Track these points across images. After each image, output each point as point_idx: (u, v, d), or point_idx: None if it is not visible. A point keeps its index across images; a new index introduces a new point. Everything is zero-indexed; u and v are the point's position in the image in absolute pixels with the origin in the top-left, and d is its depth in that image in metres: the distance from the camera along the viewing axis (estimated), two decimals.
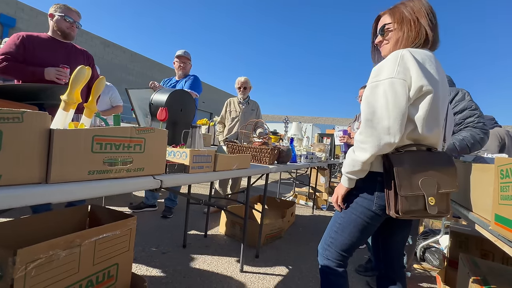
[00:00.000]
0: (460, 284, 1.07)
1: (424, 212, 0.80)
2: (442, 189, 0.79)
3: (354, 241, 0.94)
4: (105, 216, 0.98)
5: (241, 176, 1.45)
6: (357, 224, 0.92)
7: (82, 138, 0.62)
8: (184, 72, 2.55)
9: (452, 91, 1.41)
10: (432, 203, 0.79)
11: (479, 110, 1.36)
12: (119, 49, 11.36)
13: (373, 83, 0.83)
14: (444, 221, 2.05)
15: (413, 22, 0.87)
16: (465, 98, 1.38)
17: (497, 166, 0.61)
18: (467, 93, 1.40)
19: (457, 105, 1.38)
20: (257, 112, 2.98)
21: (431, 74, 0.80)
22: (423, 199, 0.80)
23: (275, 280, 1.59)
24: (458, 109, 1.37)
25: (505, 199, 0.57)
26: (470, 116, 1.34)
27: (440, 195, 0.80)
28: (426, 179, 0.80)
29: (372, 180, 0.89)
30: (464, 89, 1.41)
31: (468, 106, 1.36)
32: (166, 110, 1.14)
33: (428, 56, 0.84)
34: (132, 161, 0.74)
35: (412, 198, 0.80)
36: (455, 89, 1.42)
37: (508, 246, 0.57)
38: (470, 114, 1.34)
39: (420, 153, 0.84)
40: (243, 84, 2.89)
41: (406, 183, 0.79)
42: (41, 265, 0.64)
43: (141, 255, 1.69)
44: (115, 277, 0.85)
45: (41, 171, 0.56)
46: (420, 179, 0.80)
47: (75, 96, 0.74)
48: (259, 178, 2.03)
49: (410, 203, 0.80)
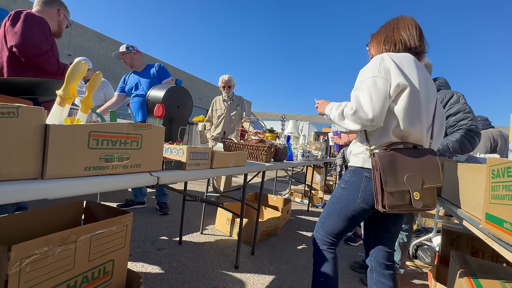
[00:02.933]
0: (450, 280, 1.09)
1: (409, 206, 0.86)
2: (426, 184, 0.85)
3: (339, 228, 1.04)
4: (100, 212, 0.98)
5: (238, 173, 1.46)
6: (341, 214, 1.02)
7: (79, 134, 0.62)
8: (132, 64, 2.40)
9: (447, 93, 1.44)
10: (417, 198, 0.85)
11: (472, 113, 1.40)
12: (114, 43, 11.20)
13: (359, 83, 0.92)
14: (437, 220, 2.09)
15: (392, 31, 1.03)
16: (460, 101, 1.41)
17: (489, 166, 0.62)
18: (461, 96, 1.43)
19: (452, 108, 1.41)
20: (242, 106, 3.01)
21: (409, 72, 0.89)
22: (408, 194, 0.85)
23: (270, 276, 1.61)
24: (452, 111, 1.40)
25: (496, 198, 0.59)
26: (463, 119, 1.37)
27: (425, 190, 0.86)
28: (411, 175, 0.86)
29: (359, 175, 0.98)
30: (459, 92, 1.45)
31: (462, 108, 1.39)
32: (163, 106, 1.14)
33: (407, 58, 0.94)
34: (129, 158, 0.74)
35: (397, 193, 0.85)
36: (450, 92, 1.45)
37: (498, 244, 0.58)
38: (464, 116, 1.38)
39: (406, 150, 0.90)
40: (227, 83, 2.91)
41: (391, 179, 0.85)
42: (36, 261, 0.63)
43: (137, 252, 1.69)
44: (111, 273, 0.85)
45: (36, 167, 0.55)
46: (406, 175, 0.86)
47: (71, 91, 0.73)
48: (255, 176, 2.04)
49: (396, 198, 0.85)
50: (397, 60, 0.91)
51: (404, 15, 1.06)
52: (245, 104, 3.07)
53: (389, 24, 1.07)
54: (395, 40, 1.01)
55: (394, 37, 1.02)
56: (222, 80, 2.92)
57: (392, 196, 0.86)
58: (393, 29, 1.04)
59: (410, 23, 1.03)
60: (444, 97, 1.43)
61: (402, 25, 1.03)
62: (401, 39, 1.00)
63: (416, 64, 0.94)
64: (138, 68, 2.44)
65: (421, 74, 0.93)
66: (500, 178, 0.58)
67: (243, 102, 3.05)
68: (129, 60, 2.39)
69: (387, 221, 1.06)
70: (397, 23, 1.04)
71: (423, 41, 1.01)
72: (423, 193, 0.85)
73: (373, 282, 1.07)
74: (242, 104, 3.02)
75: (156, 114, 1.13)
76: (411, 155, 0.89)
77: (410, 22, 1.03)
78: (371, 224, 1.10)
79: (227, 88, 2.91)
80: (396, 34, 1.02)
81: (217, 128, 2.96)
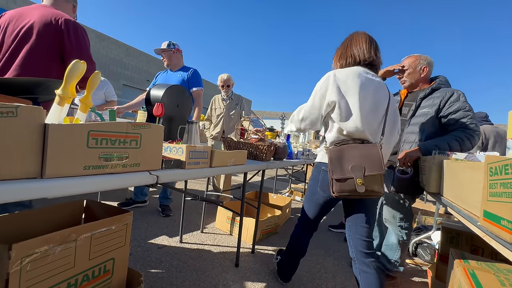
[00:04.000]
0: (449, 278, 1.10)
1: (355, 192, 1.02)
2: (368, 172, 1.01)
3: (311, 214, 1.28)
4: (100, 211, 0.99)
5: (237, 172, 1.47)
6: (310, 201, 1.27)
7: (78, 133, 0.62)
8: (171, 63, 2.38)
9: (447, 92, 1.43)
10: (360, 184, 1.01)
11: (472, 111, 1.40)
12: (114, 43, 11.18)
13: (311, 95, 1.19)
14: (437, 218, 2.09)
15: (346, 48, 1.21)
16: (460, 99, 1.40)
17: (487, 164, 0.62)
18: (462, 94, 1.43)
19: (452, 106, 1.40)
20: (241, 105, 3.01)
21: (352, 86, 1.08)
22: (353, 180, 1.02)
23: (270, 275, 1.61)
24: (453, 109, 1.40)
25: (493, 196, 0.59)
26: (464, 117, 1.37)
27: (368, 177, 1.01)
28: (355, 165, 1.03)
29: (318, 169, 1.22)
30: (459, 90, 1.45)
31: (462, 107, 1.38)
32: (162, 105, 1.14)
33: (353, 72, 1.11)
34: (128, 157, 0.74)
35: (343, 180, 1.04)
36: (451, 90, 1.44)
37: (496, 242, 0.59)
38: (464, 115, 1.37)
39: (353, 145, 1.08)
40: (226, 82, 2.91)
41: (338, 168, 1.05)
42: (36, 259, 0.64)
43: (137, 250, 1.69)
44: (111, 272, 0.86)
45: (36, 166, 0.56)
46: (350, 165, 1.03)
47: (70, 91, 0.73)
48: (255, 175, 2.04)
49: (343, 184, 1.04)
50: (342, 77, 1.11)
51: (358, 31, 1.23)
52: (244, 103, 3.07)
53: (345, 41, 1.25)
54: (347, 55, 1.20)
55: (346, 53, 1.20)
56: (221, 79, 2.92)
57: (339, 183, 1.05)
58: (346, 46, 1.22)
59: (361, 38, 1.19)
60: (444, 96, 1.42)
61: (354, 41, 1.20)
62: (352, 54, 1.18)
63: (362, 76, 1.10)
64: (174, 67, 2.40)
65: (368, 84, 1.10)
66: (498, 176, 0.58)
67: (242, 101, 3.04)
68: (167, 57, 2.35)
69: (360, 211, 1.18)
70: (350, 39, 1.22)
71: (375, 52, 1.18)
72: (366, 180, 1.01)
73: (357, 273, 1.16)
74: (241, 103, 3.02)
75: (155, 113, 1.13)
76: (357, 149, 1.06)
77: (361, 38, 1.19)
78: (348, 216, 1.23)
79: (226, 87, 2.91)
80: (348, 50, 1.20)
81: (216, 127, 2.96)
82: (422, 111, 1.48)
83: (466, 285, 0.83)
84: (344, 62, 1.21)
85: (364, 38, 1.19)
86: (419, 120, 1.48)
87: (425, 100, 1.50)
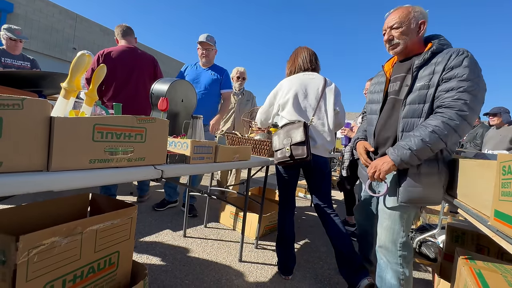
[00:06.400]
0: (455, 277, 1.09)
1: (287, 158, 1.39)
2: (293, 142, 1.37)
3: (280, 189, 1.62)
4: (106, 205, 0.99)
5: (242, 167, 1.48)
6: (277, 179, 1.64)
7: (83, 127, 0.62)
8: (208, 59, 2.34)
9: (452, 53, 0.98)
10: (288, 151, 1.38)
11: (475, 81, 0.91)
12: None
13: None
14: (441, 216, 2.07)
15: (293, 60, 1.66)
16: (463, 63, 0.94)
17: (500, 163, 0.61)
18: (469, 55, 0.95)
19: (448, 72, 0.96)
20: (252, 102, 2.98)
21: (296, 87, 1.53)
22: (284, 149, 1.40)
23: (273, 269, 1.62)
24: (446, 76, 0.96)
25: (506, 195, 0.57)
26: (453, 89, 0.92)
27: (294, 146, 1.37)
28: (286, 138, 1.42)
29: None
30: (467, 51, 0.96)
31: (460, 73, 0.92)
32: (167, 100, 1.13)
33: (296, 77, 1.58)
34: (133, 151, 0.74)
35: (279, 151, 1.45)
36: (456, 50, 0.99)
37: (506, 242, 0.57)
38: (456, 85, 0.92)
39: (289, 124, 1.46)
40: (242, 74, 2.87)
41: (276, 142, 1.48)
42: (43, 251, 0.65)
43: (142, 244, 1.71)
44: (116, 264, 0.86)
45: (42, 159, 0.56)
46: (283, 139, 1.43)
47: (75, 84, 0.73)
48: (259, 170, 2.04)
49: (280, 154, 1.44)
50: (288, 83, 1.57)
51: (301, 46, 1.67)
52: (255, 101, 3.03)
53: (293, 53, 1.68)
54: (295, 65, 1.63)
55: (294, 63, 1.64)
56: (237, 71, 2.86)
57: (276, 153, 1.47)
58: (294, 57, 1.65)
59: (303, 51, 1.63)
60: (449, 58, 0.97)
61: (299, 53, 1.64)
62: (298, 64, 1.62)
63: (301, 78, 1.56)
64: (206, 64, 2.36)
65: (303, 80, 1.55)
66: (511, 175, 0.56)
67: (253, 99, 2.99)
68: (207, 53, 2.31)
69: (312, 181, 1.59)
70: (296, 53, 1.66)
71: (315, 60, 1.63)
72: (293, 148, 1.37)
73: (323, 224, 1.55)
74: (252, 100, 2.97)
75: (160, 107, 1.13)
76: (290, 127, 1.43)
77: (303, 51, 1.63)
78: (309, 189, 1.63)
79: (241, 79, 2.86)
80: (295, 60, 1.63)
81: (227, 123, 2.91)
82: (420, 84, 1.02)
83: (473, 285, 0.82)
84: (293, 70, 1.63)
85: (306, 51, 1.62)
86: (417, 98, 1.02)
87: (423, 69, 1.04)
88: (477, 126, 4.04)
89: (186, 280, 1.39)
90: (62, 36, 9.27)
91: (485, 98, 0.96)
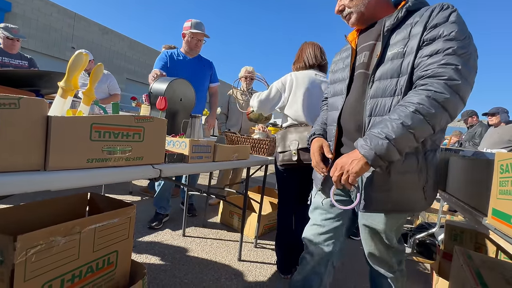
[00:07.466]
0: (454, 275, 1.09)
1: (291, 160, 1.37)
2: (300, 146, 1.34)
3: (280, 189, 1.58)
4: (104, 204, 0.99)
5: (241, 167, 1.48)
6: (276, 178, 1.58)
7: (81, 126, 0.62)
8: (197, 50, 2.19)
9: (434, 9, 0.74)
10: (295, 155, 1.35)
11: (465, 41, 0.68)
12: (118, 37, 11.13)
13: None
14: (440, 215, 2.07)
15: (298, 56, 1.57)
16: (449, 19, 0.70)
17: (497, 161, 0.61)
18: (454, 10, 0.71)
19: (431, 31, 0.71)
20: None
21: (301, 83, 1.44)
22: (290, 152, 1.37)
23: (272, 268, 1.62)
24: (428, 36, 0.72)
25: (503, 194, 0.57)
26: (439, 52, 0.68)
27: (301, 150, 1.34)
28: (292, 141, 1.37)
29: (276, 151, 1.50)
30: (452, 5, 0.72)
31: (446, 32, 0.68)
32: (165, 99, 1.13)
33: (303, 74, 1.48)
34: (131, 150, 0.74)
35: (284, 153, 1.40)
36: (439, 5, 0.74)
37: (504, 240, 0.57)
38: (442, 47, 0.68)
39: (294, 126, 1.44)
40: (250, 74, 2.84)
41: (281, 144, 1.42)
42: (41, 251, 0.64)
43: (141, 243, 1.71)
44: (115, 264, 0.86)
45: (39, 158, 0.56)
46: (290, 142, 1.39)
47: (72, 83, 0.73)
48: (258, 169, 2.04)
49: (284, 156, 1.40)
50: (300, 79, 1.45)
51: (307, 42, 1.57)
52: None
53: (298, 49, 1.59)
54: (299, 61, 1.55)
55: (299, 60, 1.55)
56: (245, 71, 2.82)
57: (281, 155, 1.42)
58: (300, 53, 1.56)
59: (309, 46, 1.54)
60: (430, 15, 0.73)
61: (305, 49, 1.54)
62: (303, 60, 1.53)
63: (313, 78, 1.46)
64: (193, 54, 2.19)
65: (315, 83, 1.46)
66: (508, 173, 0.56)
67: None
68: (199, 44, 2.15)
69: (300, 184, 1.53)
70: (302, 48, 1.56)
71: (320, 56, 1.52)
72: (302, 153, 1.34)
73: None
74: None
75: (158, 106, 1.13)
76: (296, 130, 1.40)
77: (310, 46, 1.54)
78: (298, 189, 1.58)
79: (249, 79, 2.82)
80: (300, 57, 1.55)
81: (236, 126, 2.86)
82: (393, 52, 0.77)
83: (471, 283, 0.82)
84: (298, 66, 1.55)
85: (312, 47, 1.53)
86: (390, 71, 0.76)
87: (395, 33, 0.79)
88: (476, 125, 4.05)
89: (185, 280, 1.39)
90: (61, 35, 9.23)
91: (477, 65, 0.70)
